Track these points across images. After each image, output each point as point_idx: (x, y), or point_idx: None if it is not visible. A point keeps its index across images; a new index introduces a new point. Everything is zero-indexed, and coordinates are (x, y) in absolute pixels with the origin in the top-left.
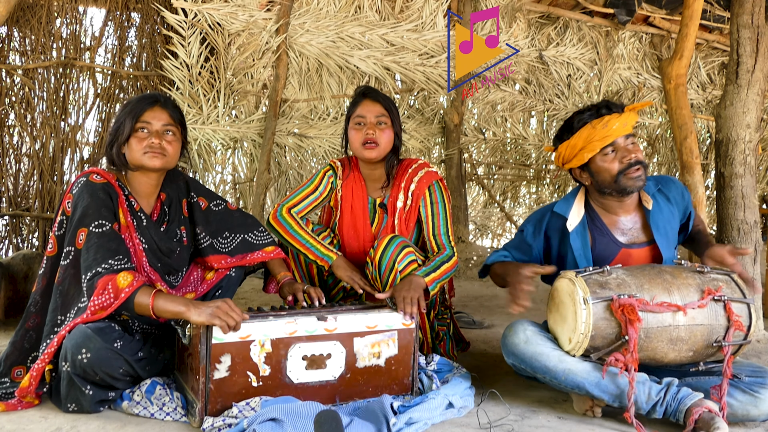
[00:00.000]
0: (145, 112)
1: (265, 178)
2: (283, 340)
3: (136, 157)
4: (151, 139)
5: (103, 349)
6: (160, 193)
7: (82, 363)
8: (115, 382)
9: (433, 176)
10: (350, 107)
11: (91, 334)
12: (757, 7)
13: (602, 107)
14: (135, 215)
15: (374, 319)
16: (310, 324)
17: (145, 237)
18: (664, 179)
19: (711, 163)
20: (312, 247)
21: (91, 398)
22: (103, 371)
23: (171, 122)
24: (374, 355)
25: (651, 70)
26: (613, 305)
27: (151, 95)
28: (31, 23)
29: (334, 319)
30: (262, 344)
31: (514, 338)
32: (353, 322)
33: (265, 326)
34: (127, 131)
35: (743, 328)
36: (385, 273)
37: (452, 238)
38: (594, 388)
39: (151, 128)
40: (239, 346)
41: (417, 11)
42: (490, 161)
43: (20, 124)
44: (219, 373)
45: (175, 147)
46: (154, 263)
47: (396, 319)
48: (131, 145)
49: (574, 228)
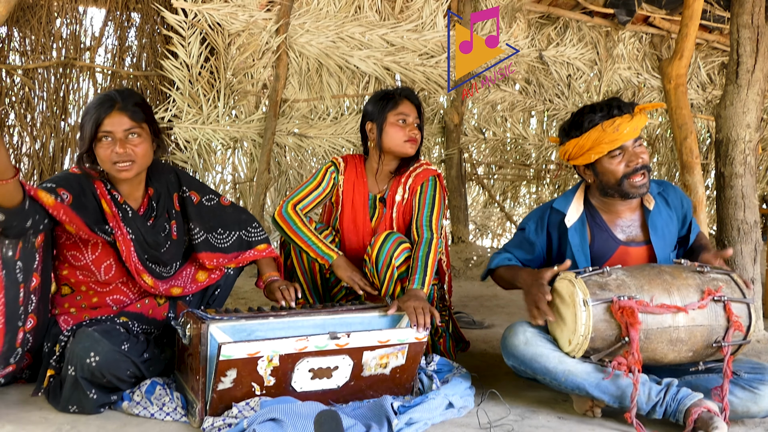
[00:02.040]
0: (104, 120)
1: (265, 178)
2: (291, 356)
3: (106, 167)
4: (115, 147)
5: (111, 351)
6: (148, 188)
7: (90, 366)
8: (121, 384)
9: (431, 172)
10: (386, 104)
11: (98, 337)
12: (757, 7)
13: (614, 107)
14: (119, 207)
15: (387, 335)
16: (321, 341)
17: (132, 228)
18: (665, 184)
19: (711, 163)
20: (314, 245)
21: (94, 402)
22: (111, 373)
23: (133, 124)
24: (381, 366)
25: (651, 70)
26: (613, 307)
27: (109, 98)
28: (31, 23)
29: (347, 336)
30: (270, 359)
31: (513, 339)
32: (366, 338)
33: (275, 344)
34: (88, 143)
35: (743, 329)
36: (383, 269)
37: (434, 223)
38: (594, 389)
39: (114, 136)
40: (247, 361)
41: (417, 11)
42: (490, 161)
43: (20, 124)
44: (223, 385)
45: (143, 147)
46: (141, 255)
47: (409, 334)
48: (98, 154)
49: (572, 224)
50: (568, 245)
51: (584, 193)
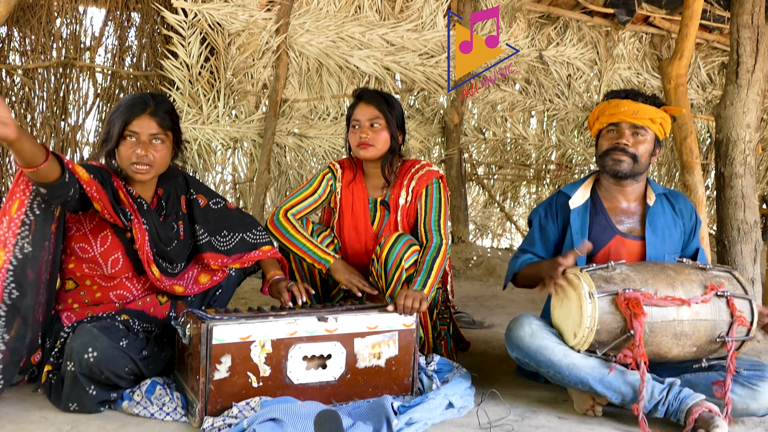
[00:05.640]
0: (134, 121)
1: (265, 178)
2: (283, 341)
3: (124, 165)
4: (137, 149)
5: (110, 348)
6: (157, 188)
7: (88, 362)
8: (119, 381)
9: (434, 174)
10: (348, 109)
11: (97, 333)
12: (757, 7)
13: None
14: (135, 200)
15: (375, 320)
16: (311, 324)
17: (147, 220)
18: (677, 193)
19: (711, 163)
20: (309, 251)
21: (94, 398)
22: (109, 370)
23: (160, 131)
24: (375, 356)
25: (651, 70)
26: (618, 299)
27: (142, 100)
28: (31, 23)
29: (335, 319)
30: (263, 345)
31: (519, 331)
32: (354, 322)
33: (265, 327)
34: (116, 138)
35: (746, 323)
36: (391, 270)
37: (443, 228)
38: (598, 383)
39: (139, 137)
40: (240, 346)
41: (417, 11)
42: (490, 161)
43: (20, 124)
44: (219, 373)
45: (163, 153)
46: (151, 246)
47: (397, 320)
48: (119, 151)
49: (576, 207)
50: (569, 228)
51: (593, 183)
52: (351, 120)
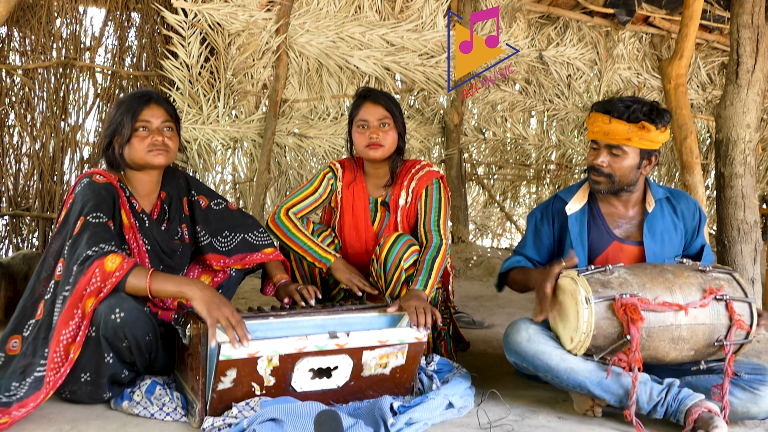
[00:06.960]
0: (143, 111)
1: (265, 178)
2: (291, 356)
3: (139, 156)
4: (153, 137)
5: (136, 309)
6: (161, 191)
7: (114, 323)
8: (137, 356)
9: (434, 175)
10: (352, 109)
11: (125, 295)
12: (757, 7)
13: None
14: (137, 216)
15: (387, 334)
16: (321, 341)
17: (148, 238)
18: (679, 193)
19: (711, 163)
20: (310, 249)
21: (108, 368)
22: (133, 335)
23: (168, 118)
24: (381, 366)
25: (651, 70)
26: (615, 305)
27: (144, 93)
28: (31, 23)
29: (346, 335)
30: (270, 359)
31: (516, 336)
32: (365, 337)
33: (275, 344)
34: (128, 131)
35: (745, 327)
36: (391, 270)
37: (443, 228)
38: (596, 387)
39: (151, 126)
40: (247, 361)
41: (417, 11)
42: (490, 161)
43: (20, 124)
44: (223, 384)
45: (175, 142)
46: (156, 265)
47: (409, 334)
48: (133, 144)
49: (573, 213)
50: (567, 234)
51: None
52: (356, 120)
